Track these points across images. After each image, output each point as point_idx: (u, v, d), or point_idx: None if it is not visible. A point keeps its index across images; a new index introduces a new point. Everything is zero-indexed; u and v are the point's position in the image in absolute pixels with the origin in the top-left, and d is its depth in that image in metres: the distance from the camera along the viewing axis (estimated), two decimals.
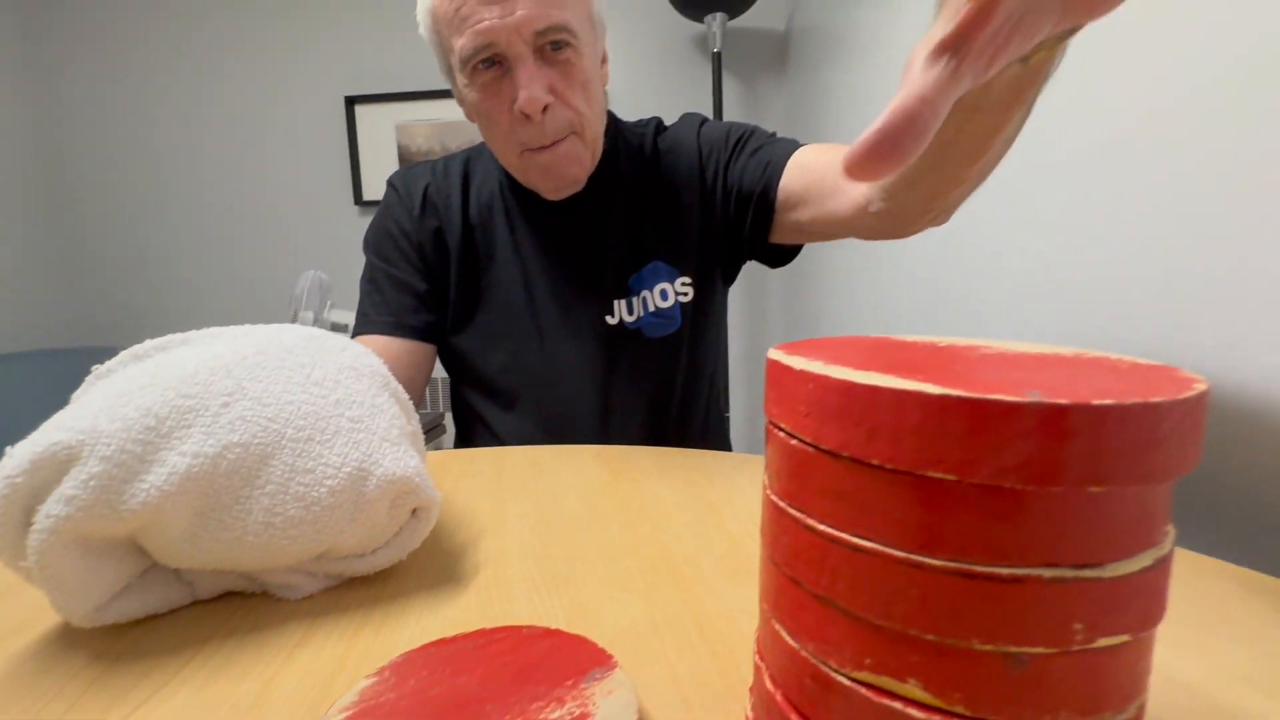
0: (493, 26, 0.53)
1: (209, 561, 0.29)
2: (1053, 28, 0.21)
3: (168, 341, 0.34)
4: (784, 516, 0.17)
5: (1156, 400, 0.12)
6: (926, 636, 0.14)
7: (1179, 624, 0.28)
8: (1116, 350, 0.60)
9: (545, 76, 0.55)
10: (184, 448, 0.28)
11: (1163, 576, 0.14)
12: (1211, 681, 0.24)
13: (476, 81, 0.56)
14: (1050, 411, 0.12)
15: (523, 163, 0.60)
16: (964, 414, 0.13)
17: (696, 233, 0.67)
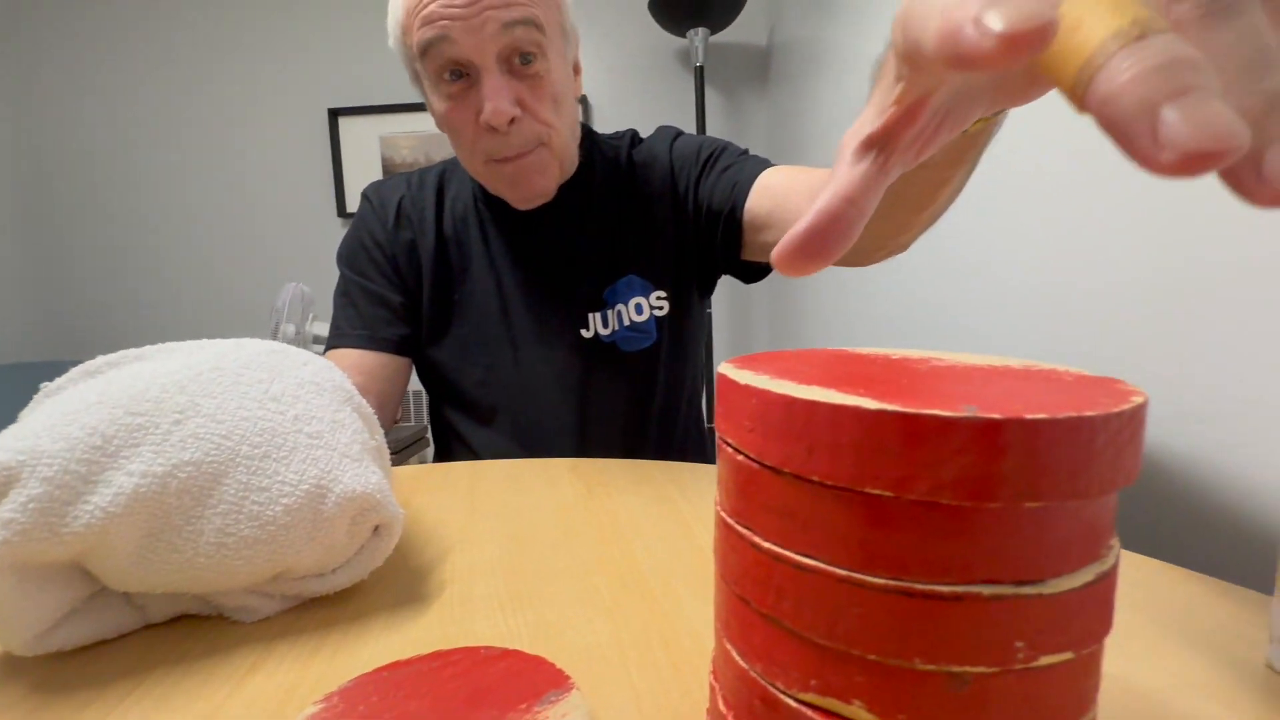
0: (453, 25, 0.52)
1: (159, 584, 0.28)
2: (984, 111, 0.21)
3: (121, 357, 0.33)
4: (732, 534, 0.17)
5: (1090, 414, 0.12)
6: (869, 656, 0.14)
7: (1139, 632, 0.28)
8: (1096, 361, 0.61)
9: (512, 89, 0.55)
10: (132, 467, 0.27)
11: (1106, 591, 0.14)
12: (1169, 691, 0.24)
13: (443, 91, 0.56)
14: (984, 426, 0.12)
15: (488, 172, 0.60)
16: (899, 429, 0.13)
17: (671, 247, 0.67)
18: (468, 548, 0.38)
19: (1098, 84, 0.12)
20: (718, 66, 1.90)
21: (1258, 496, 0.44)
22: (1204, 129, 0.11)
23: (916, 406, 0.13)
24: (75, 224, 2.03)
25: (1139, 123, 0.11)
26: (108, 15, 1.96)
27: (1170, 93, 0.11)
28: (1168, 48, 0.11)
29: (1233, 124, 0.11)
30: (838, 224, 0.17)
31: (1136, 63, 0.11)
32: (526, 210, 0.64)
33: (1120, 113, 0.11)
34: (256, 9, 1.94)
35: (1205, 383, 0.48)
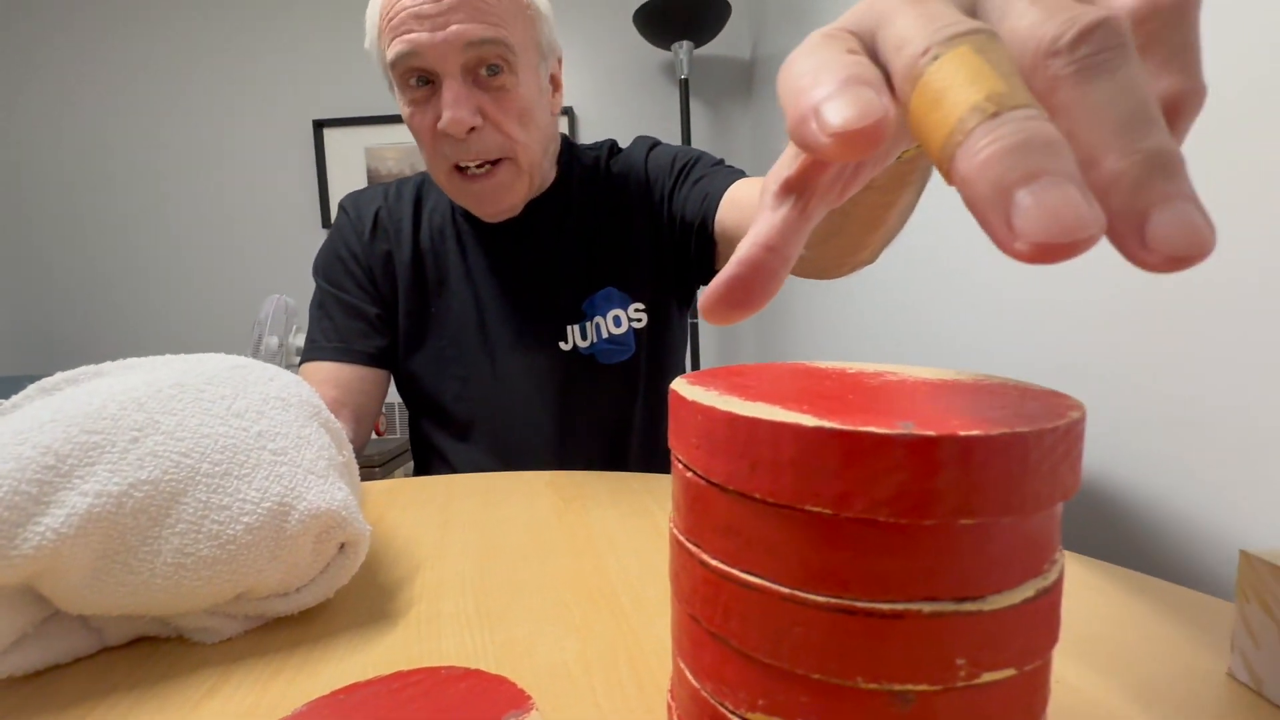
0: (420, 38, 0.52)
1: (114, 607, 0.27)
2: (907, 144, 0.20)
3: (80, 374, 0.32)
4: (683, 551, 0.17)
5: (1024, 430, 0.12)
6: (814, 676, 0.14)
7: (1102, 642, 0.28)
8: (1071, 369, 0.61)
9: (474, 99, 0.55)
10: (86, 487, 0.26)
11: (1048, 607, 0.14)
12: (1131, 702, 0.24)
13: (408, 96, 0.56)
14: (919, 444, 0.12)
15: (451, 184, 0.60)
16: (837, 447, 0.13)
17: (648, 259, 0.67)
18: (438, 564, 0.38)
19: (957, 163, 0.12)
20: (702, 79, 1.92)
21: (1220, 503, 0.44)
22: (1053, 220, 0.10)
23: (856, 423, 0.13)
24: (56, 236, 2.01)
25: (994, 210, 0.11)
26: (90, 26, 1.95)
27: (1021, 178, 0.11)
28: (1022, 127, 0.11)
29: (1081, 214, 0.10)
30: (759, 273, 0.16)
31: (990, 143, 0.11)
32: (504, 222, 0.64)
33: (976, 196, 0.11)
34: (241, 20, 1.94)
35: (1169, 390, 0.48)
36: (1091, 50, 0.12)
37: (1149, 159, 0.11)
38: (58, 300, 2.02)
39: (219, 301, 2.01)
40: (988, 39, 0.12)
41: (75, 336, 2.03)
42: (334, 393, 0.63)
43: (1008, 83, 0.12)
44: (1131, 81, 0.12)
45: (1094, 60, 0.12)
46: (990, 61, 0.12)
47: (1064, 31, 0.12)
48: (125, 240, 2.00)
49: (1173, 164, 0.11)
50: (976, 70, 0.12)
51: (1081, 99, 0.12)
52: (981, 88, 0.12)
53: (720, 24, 1.71)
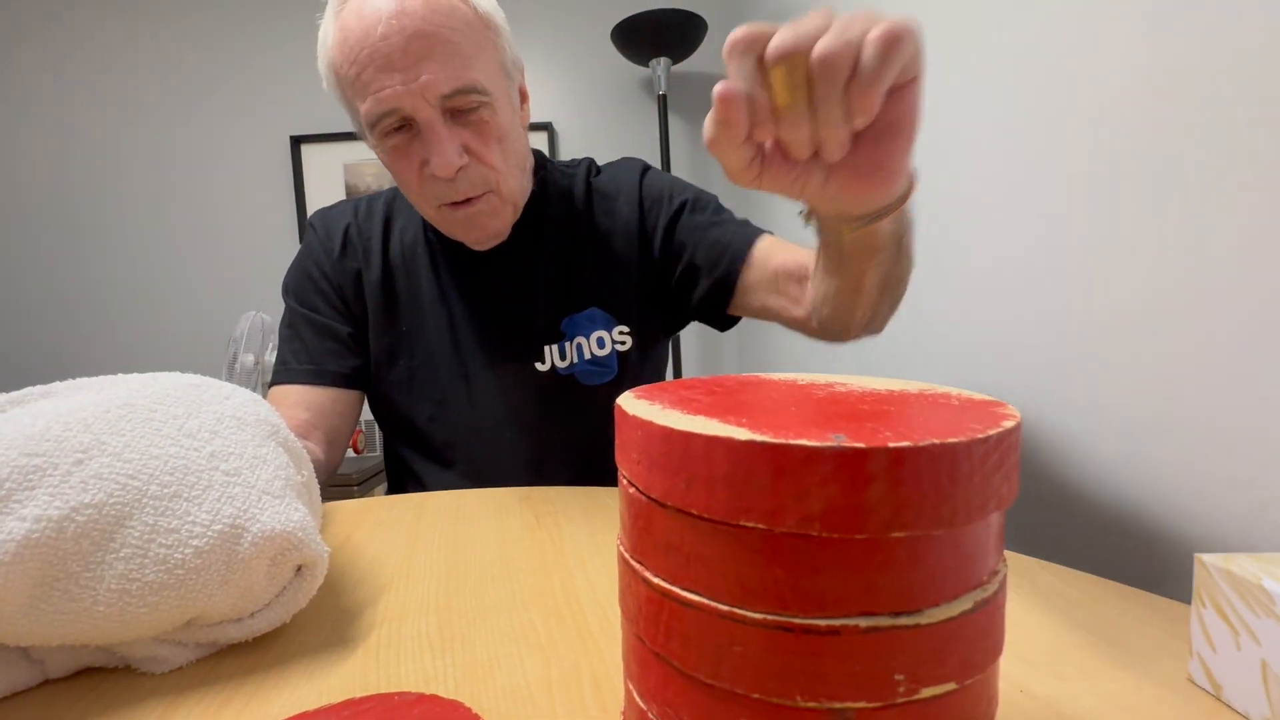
0: (396, 93, 0.51)
1: (55, 637, 0.26)
2: (833, 203, 0.32)
3: (26, 394, 0.31)
4: (628, 570, 0.16)
5: (954, 441, 0.12)
6: (753, 695, 0.13)
7: (1064, 648, 0.28)
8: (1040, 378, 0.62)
9: (457, 137, 0.54)
10: (24, 511, 0.25)
11: (988, 619, 0.14)
12: (1093, 709, 0.24)
13: (386, 144, 0.55)
14: (848, 456, 0.12)
15: (441, 217, 0.59)
16: (768, 460, 0.12)
17: (634, 283, 0.66)
18: (403, 585, 0.37)
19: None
20: (680, 94, 1.94)
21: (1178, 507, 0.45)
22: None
23: (790, 436, 0.13)
24: (25, 251, 1.97)
25: None
26: (61, 39, 1.92)
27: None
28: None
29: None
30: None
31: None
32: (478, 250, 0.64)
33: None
34: (217, 34, 1.93)
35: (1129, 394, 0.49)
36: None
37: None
38: (27, 318, 1.98)
39: (194, 319, 1.98)
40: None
41: (45, 355, 1.98)
42: (305, 416, 0.62)
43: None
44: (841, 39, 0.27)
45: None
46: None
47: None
48: (98, 256, 1.96)
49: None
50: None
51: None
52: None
53: (697, 41, 1.73)
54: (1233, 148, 0.41)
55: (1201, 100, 0.43)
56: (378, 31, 0.50)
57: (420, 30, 0.50)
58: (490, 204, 0.58)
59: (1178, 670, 0.26)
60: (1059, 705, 0.24)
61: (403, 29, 0.50)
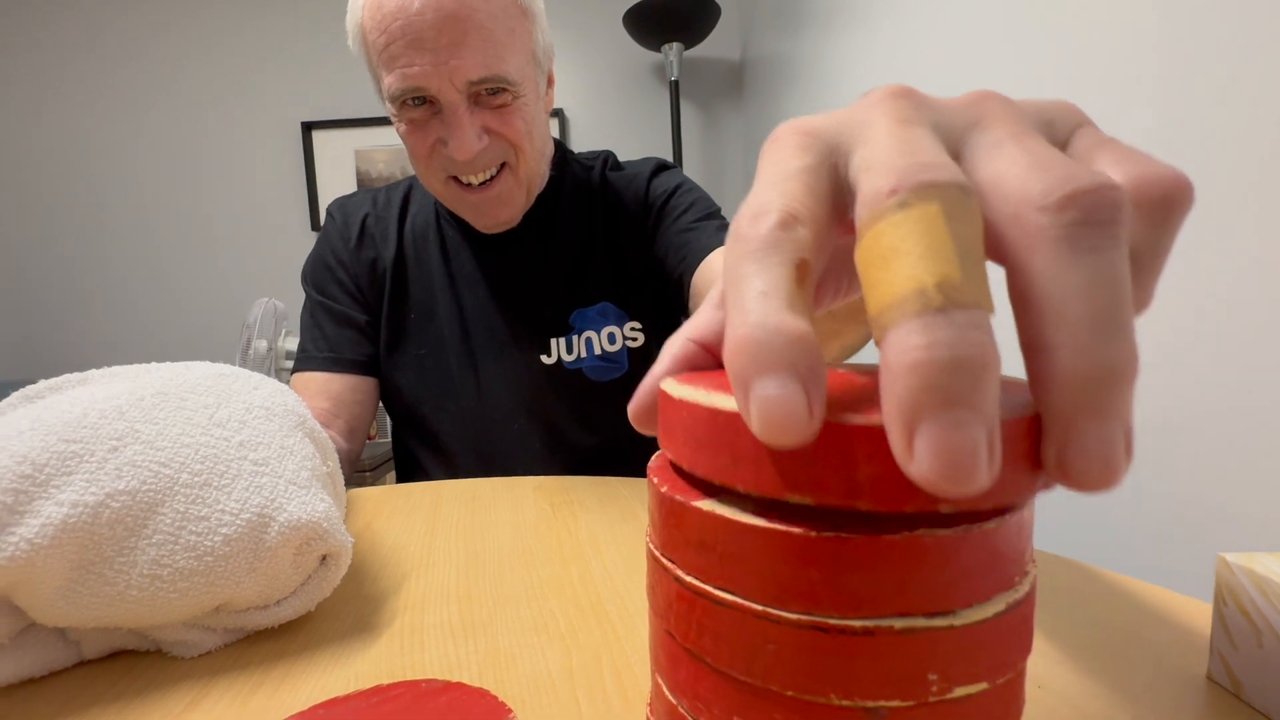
0: (424, 72, 0.51)
1: (89, 619, 0.27)
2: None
3: (63, 381, 0.32)
4: (658, 567, 0.17)
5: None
6: (787, 693, 0.14)
7: (1081, 646, 0.28)
8: None
9: (479, 120, 0.54)
10: (62, 496, 0.26)
11: (1019, 620, 0.14)
12: (1110, 706, 0.24)
13: (405, 115, 0.55)
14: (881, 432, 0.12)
15: (449, 193, 0.60)
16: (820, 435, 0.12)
17: (642, 280, 0.66)
18: (424, 573, 0.37)
19: (886, 346, 0.11)
20: (693, 80, 1.92)
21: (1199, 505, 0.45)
22: (948, 463, 0.10)
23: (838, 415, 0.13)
24: (43, 239, 1.99)
25: (899, 419, 0.10)
26: (76, 28, 1.93)
27: (939, 402, 0.10)
28: (961, 339, 0.10)
29: (975, 468, 0.10)
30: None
31: (922, 348, 0.10)
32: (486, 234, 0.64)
33: (891, 392, 0.10)
34: (229, 20, 1.92)
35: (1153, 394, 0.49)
36: (1079, 217, 0.11)
37: (1104, 368, 0.10)
38: (45, 304, 2.00)
39: (208, 305, 2.00)
40: (961, 198, 0.11)
41: (64, 341, 2.01)
42: (326, 404, 0.62)
43: (964, 268, 0.10)
44: (1114, 270, 0.10)
45: (1081, 231, 0.11)
46: (954, 233, 0.11)
47: (1057, 188, 0.11)
48: (113, 243, 1.98)
49: (1124, 380, 0.10)
50: (937, 241, 0.11)
51: (1057, 273, 0.11)
52: (936, 268, 0.10)
53: (710, 25, 1.71)
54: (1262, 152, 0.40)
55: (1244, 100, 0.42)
56: (414, 6, 0.50)
57: (456, 13, 0.50)
58: (506, 185, 0.58)
59: (1196, 668, 0.26)
60: (1076, 701, 0.25)
61: (439, 7, 0.50)
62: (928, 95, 0.14)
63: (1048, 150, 0.12)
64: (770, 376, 0.11)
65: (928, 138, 0.13)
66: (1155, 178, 0.12)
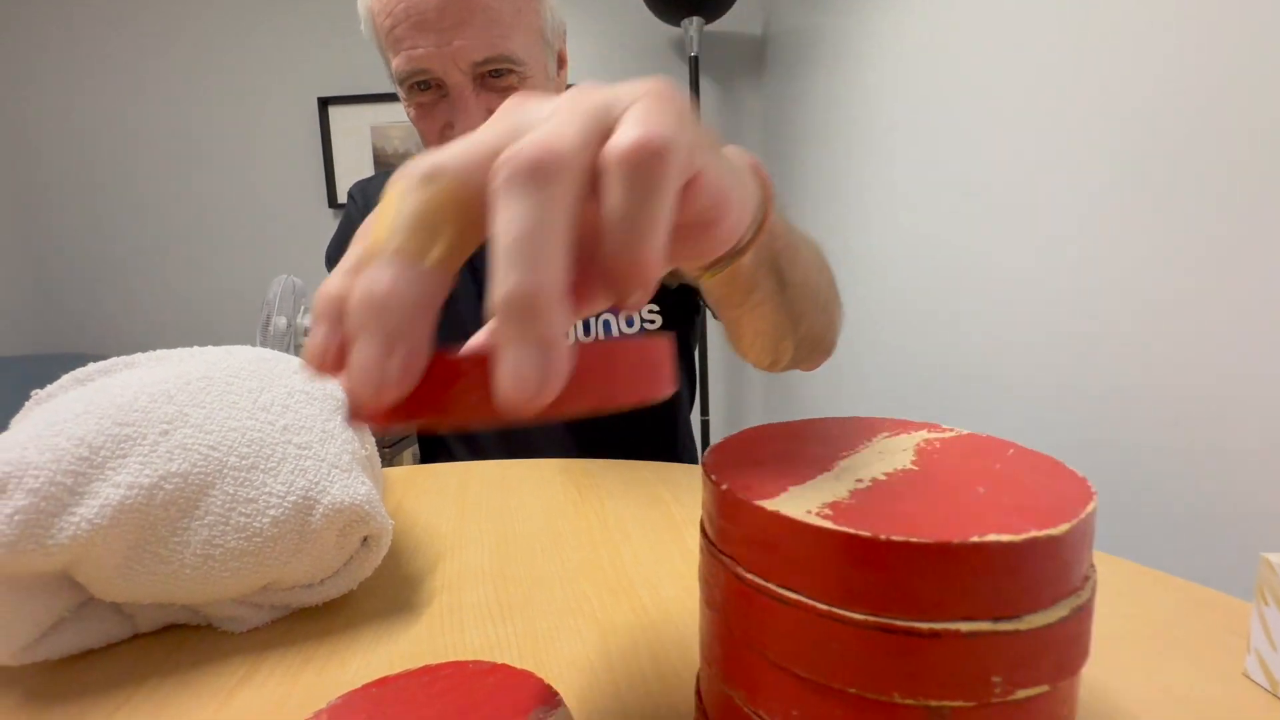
0: (428, 54, 0.51)
1: (146, 595, 0.28)
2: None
3: (112, 365, 0.33)
4: (715, 562, 0.17)
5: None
6: (849, 690, 0.14)
7: (1119, 642, 0.28)
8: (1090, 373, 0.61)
9: (485, 103, 0.54)
10: (118, 478, 0.27)
11: (1081, 624, 0.14)
12: (1147, 703, 0.24)
13: (413, 99, 0.55)
14: None
15: None
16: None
17: None
18: (457, 554, 0.38)
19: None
20: (713, 56, 1.88)
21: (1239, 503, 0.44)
22: (356, 374, 0.13)
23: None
24: (65, 217, 2.01)
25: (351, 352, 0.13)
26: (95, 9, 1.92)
27: (354, 329, 0.13)
28: (368, 281, 0.13)
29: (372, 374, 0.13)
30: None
31: (355, 289, 0.13)
32: None
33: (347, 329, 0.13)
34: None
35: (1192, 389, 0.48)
36: (507, 173, 0.13)
37: (508, 298, 0.12)
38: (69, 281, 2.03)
39: (227, 281, 2.02)
40: (421, 181, 0.14)
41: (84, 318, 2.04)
42: None
43: (392, 233, 0.13)
44: (527, 211, 0.12)
45: (506, 184, 0.13)
46: (399, 209, 0.14)
47: (508, 154, 0.13)
48: (134, 221, 2.00)
49: (527, 308, 0.12)
50: (383, 218, 0.14)
51: (494, 216, 0.13)
52: (375, 232, 0.14)
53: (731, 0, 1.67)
54: None
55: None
56: None
57: None
58: None
59: (1233, 665, 0.26)
60: (1112, 697, 0.25)
61: None
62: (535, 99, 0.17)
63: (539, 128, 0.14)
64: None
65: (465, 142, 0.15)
66: (624, 141, 0.14)
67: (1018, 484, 0.16)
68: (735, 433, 0.21)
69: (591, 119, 0.14)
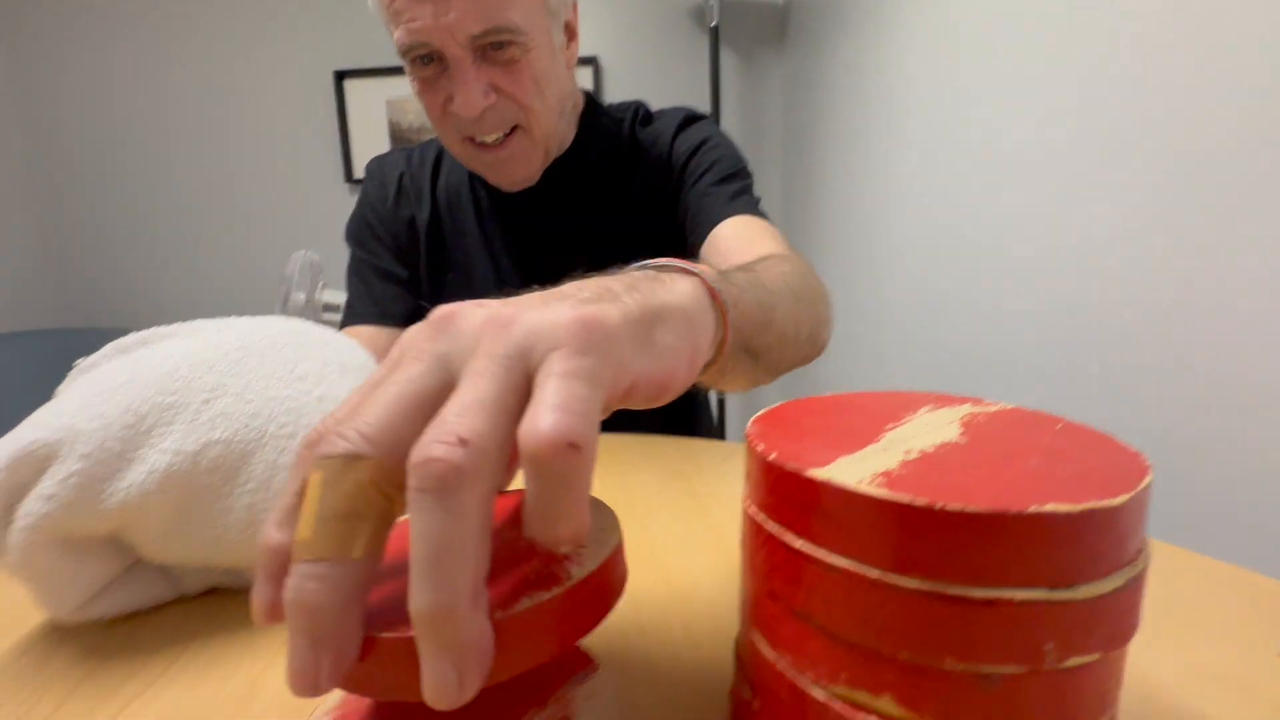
0: (424, 27, 0.50)
1: (192, 558, 0.29)
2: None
3: (150, 335, 0.33)
4: (762, 532, 0.17)
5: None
6: (900, 655, 0.14)
7: (1155, 621, 0.28)
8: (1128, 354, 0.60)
9: (485, 76, 0.52)
10: (165, 445, 0.27)
11: (1135, 595, 0.14)
12: (1181, 682, 0.24)
13: (416, 74, 0.54)
14: None
15: (465, 153, 0.59)
16: None
17: (672, 242, 0.64)
18: None
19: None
20: (734, 25, 1.84)
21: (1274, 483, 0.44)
22: (291, 676, 0.14)
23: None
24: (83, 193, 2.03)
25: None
26: None
27: (291, 631, 0.14)
28: (297, 587, 0.14)
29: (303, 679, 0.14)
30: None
31: (286, 590, 0.14)
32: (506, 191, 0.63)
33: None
34: None
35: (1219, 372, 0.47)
36: (415, 483, 0.13)
37: (420, 614, 0.13)
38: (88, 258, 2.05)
39: (244, 257, 2.03)
40: (341, 467, 0.14)
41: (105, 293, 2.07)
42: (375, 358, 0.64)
43: (317, 530, 0.14)
44: (434, 528, 0.13)
45: (416, 495, 0.13)
46: (324, 498, 0.14)
47: (417, 453, 0.13)
48: (152, 197, 2.01)
49: (440, 621, 0.13)
50: (309, 507, 0.14)
51: (411, 523, 0.13)
52: (301, 528, 0.14)
53: None
54: None
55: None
56: None
57: None
58: (520, 145, 0.57)
59: (1267, 645, 0.26)
60: (1144, 670, 0.25)
61: None
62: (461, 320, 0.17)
63: (455, 404, 0.14)
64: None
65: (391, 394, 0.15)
66: (527, 435, 0.14)
67: (1070, 457, 0.16)
68: (774, 406, 0.21)
69: (508, 376, 0.15)
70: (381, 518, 0.14)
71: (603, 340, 0.16)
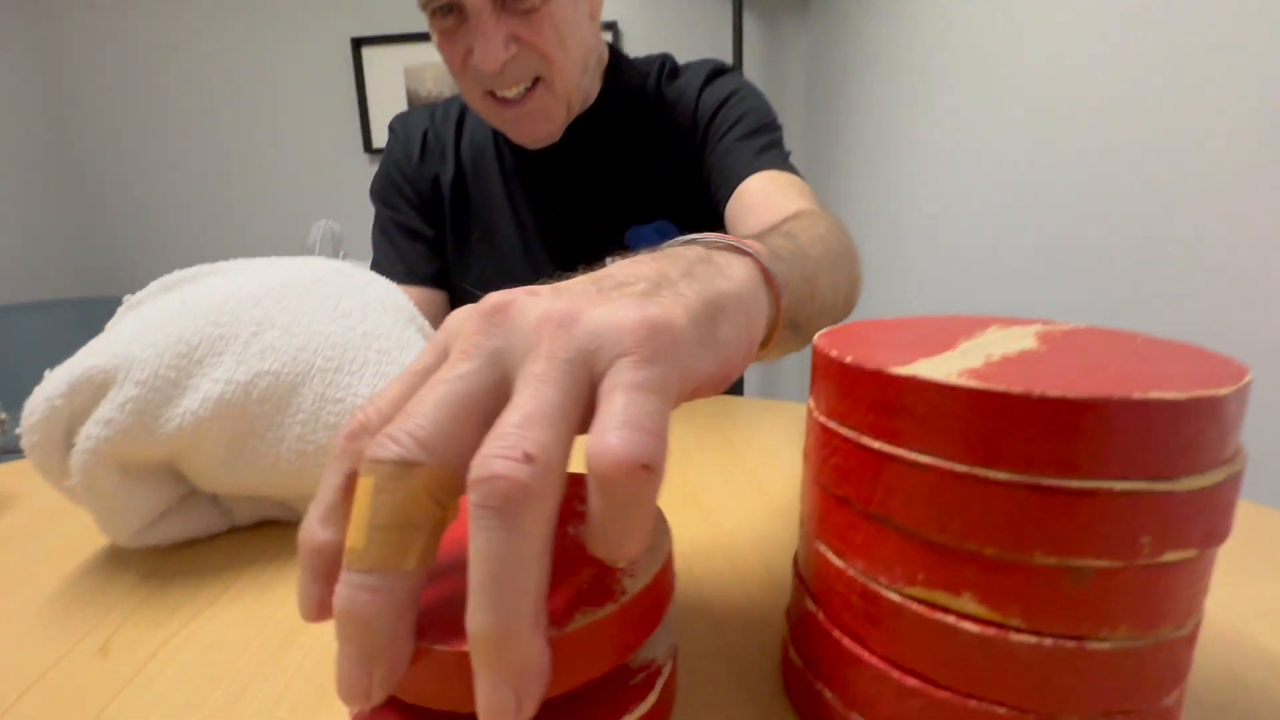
0: None
1: (245, 488, 0.29)
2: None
3: (195, 272, 0.33)
4: (833, 437, 0.17)
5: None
6: (985, 551, 0.14)
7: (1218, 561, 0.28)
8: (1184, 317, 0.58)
9: (505, 26, 0.51)
10: (216, 374, 0.28)
11: (1232, 493, 0.14)
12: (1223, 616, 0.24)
13: (436, 25, 0.53)
14: None
15: (487, 109, 0.57)
16: None
17: (699, 198, 0.63)
18: None
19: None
20: None
21: None
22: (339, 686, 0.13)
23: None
24: (103, 164, 2.04)
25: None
26: None
27: (340, 638, 0.13)
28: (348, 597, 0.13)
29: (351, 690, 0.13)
30: None
31: (337, 598, 0.13)
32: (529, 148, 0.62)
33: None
34: None
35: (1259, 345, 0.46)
36: (478, 499, 0.12)
37: (476, 637, 0.12)
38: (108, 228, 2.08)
39: (264, 226, 2.04)
40: (393, 473, 0.13)
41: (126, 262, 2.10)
42: None
43: (369, 537, 0.13)
44: (496, 549, 0.12)
45: (478, 511, 0.12)
46: (376, 506, 0.13)
47: (478, 467, 0.12)
48: (172, 167, 2.02)
49: (493, 646, 0.12)
50: (359, 514, 0.13)
51: (471, 539, 0.13)
52: (353, 536, 0.13)
53: None
54: None
55: None
56: None
57: None
58: (541, 100, 0.56)
59: None
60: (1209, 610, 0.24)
61: None
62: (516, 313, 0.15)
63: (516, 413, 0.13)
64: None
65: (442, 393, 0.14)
66: (597, 454, 0.13)
67: (1162, 359, 0.15)
68: (835, 325, 0.21)
69: (571, 383, 0.14)
70: (435, 526, 0.14)
71: (671, 345, 0.15)
